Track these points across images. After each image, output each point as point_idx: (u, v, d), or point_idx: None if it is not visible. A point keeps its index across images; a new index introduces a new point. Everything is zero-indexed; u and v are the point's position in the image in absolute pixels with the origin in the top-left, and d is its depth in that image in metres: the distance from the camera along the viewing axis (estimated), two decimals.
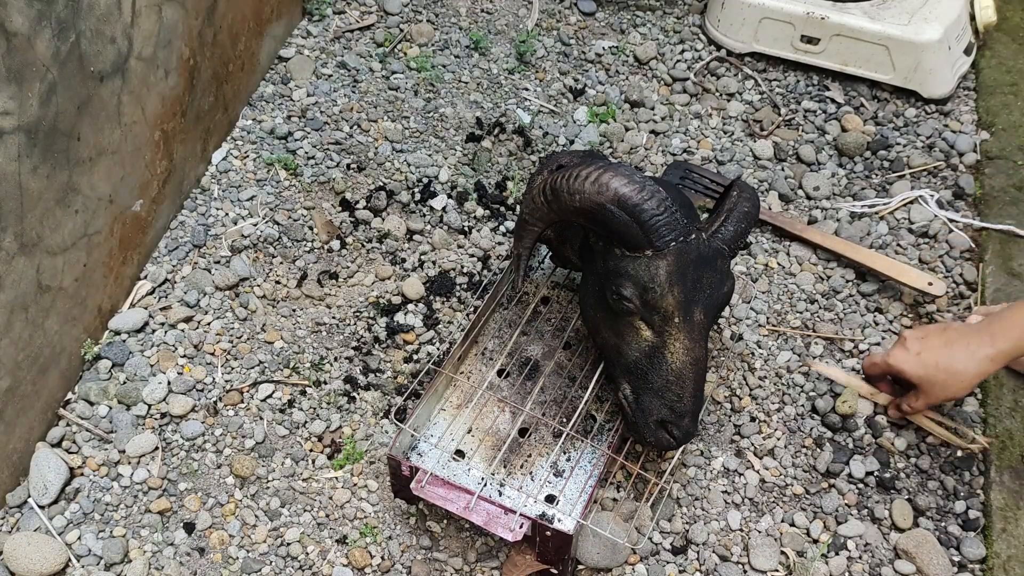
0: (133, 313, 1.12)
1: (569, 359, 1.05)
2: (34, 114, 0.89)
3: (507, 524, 0.87)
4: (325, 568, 0.95)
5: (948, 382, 0.95)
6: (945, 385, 0.95)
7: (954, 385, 0.95)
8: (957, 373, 0.94)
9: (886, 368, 1.01)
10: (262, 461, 1.02)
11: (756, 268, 1.21)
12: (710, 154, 1.35)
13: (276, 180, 1.28)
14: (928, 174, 1.31)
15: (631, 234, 0.83)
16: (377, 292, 1.17)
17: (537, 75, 1.46)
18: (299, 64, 1.42)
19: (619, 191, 0.82)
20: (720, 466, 1.03)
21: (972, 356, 0.94)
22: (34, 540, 0.93)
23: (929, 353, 0.96)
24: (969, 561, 0.95)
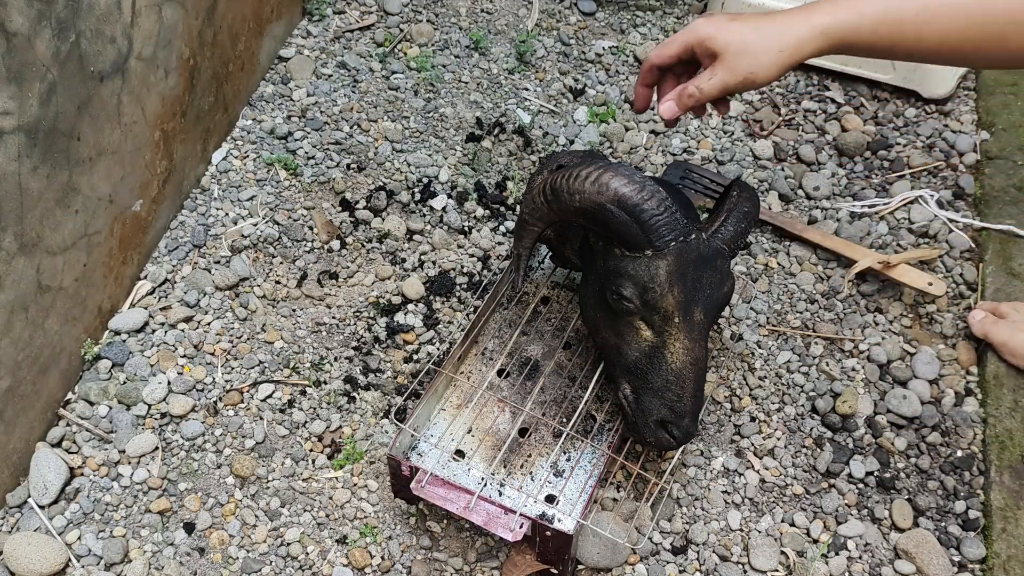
0: (133, 313, 1.12)
1: (569, 359, 1.05)
2: (34, 114, 0.89)
3: (507, 524, 0.87)
4: (325, 568, 0.95)
5: (762, 48, 0.78)
6: (757, 53, 0.78)
7: (765, 54, 0.77)
8: (777, 39, 0.77)
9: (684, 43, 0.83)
10: (262, 461, 1.02)
11: (756, 268, 1.21)
12: (710, 154, 1.35)
13: (276, 180, 1.28)
14: (928, 174, 1.31)
15: (631, 234, 0.83)
16: (377, 292, 1.18)
17: (537, 75, 1.46)
18: (299, 64, 1.42)
19: (619, 191, 0.82)
20: (720, 466, 1.03)
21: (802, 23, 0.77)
22: (34, 540, 0.93)
23: (747, 19, 0.80)
24: (969, 561, 0.95)
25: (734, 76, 0.79)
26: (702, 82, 0.80)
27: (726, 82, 0.80)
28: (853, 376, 1.10)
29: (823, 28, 0.76)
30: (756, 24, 0.78)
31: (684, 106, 0.83)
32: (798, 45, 0.77)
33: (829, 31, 0.76)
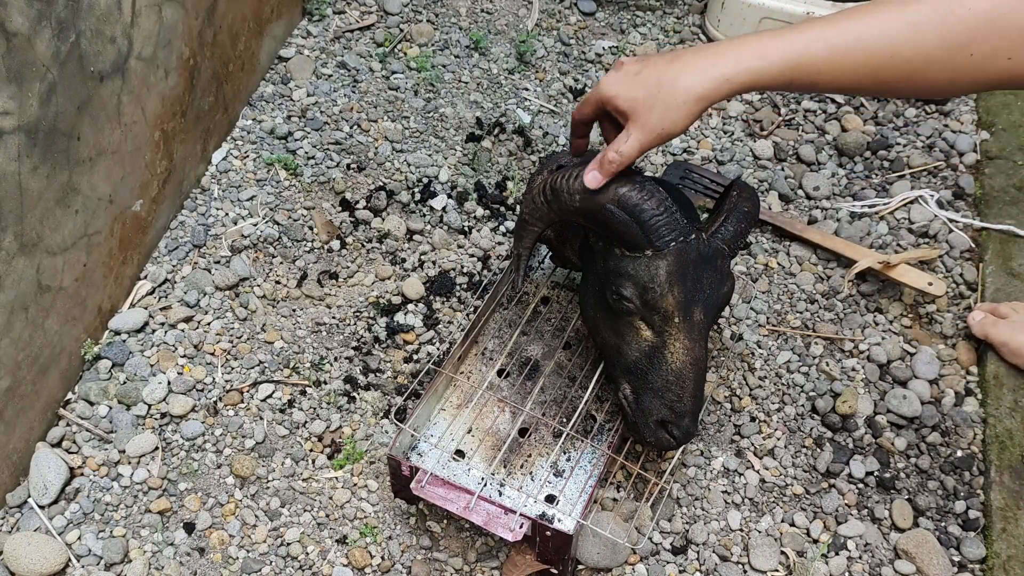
0: (133, 313, 1.12)
1: (569, 359, 1.05)
2: (34, 114, 0.89)
3: (507, 524, 0.87)
4: (325, 568, 0.95)
5: (669, 103, 0.75)
6: (666, 108, 0.75)
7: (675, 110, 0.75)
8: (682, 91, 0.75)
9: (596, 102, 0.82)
10: (262, 461, 1.02)
11: (756, 268, 1.21)
12: (710, 154, 1.35)
13: (276, 180, 1.28)
14: (928, 174, 1.31)
15: (631, 234, 0.83)
16: (377, 292, 1.18)
17: (537, 75, 1.46)
18: (299, 64, 1.42)
19: (619, 191, 0.82)
20: (720, 466, 1.03)
21: (704, 72, 0.75)
22: (34, 540, 0.93)
23: (651, 71, 0.77)
24: (969, 561, 0.95)
25: (649, 135, 0.78)
26: (620, 146, 0.79)
27: (643, 142, 0.78)
28: (853, 376, 1.10)
29: (727, 76, 0.75)
30: (659, 77, 0.76)
31: (608, 173, 0.81)
32: (703, 95, 0.75)
33: (734, 79, 0.75)
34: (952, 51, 0.72)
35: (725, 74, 0.74)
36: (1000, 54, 0.72)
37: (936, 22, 0.72)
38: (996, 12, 0.70)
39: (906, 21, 0.73)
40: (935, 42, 0.72)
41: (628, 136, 0.78)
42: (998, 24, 0.70)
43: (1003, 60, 0.72)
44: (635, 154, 0.79)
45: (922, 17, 0.72)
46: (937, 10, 0.72)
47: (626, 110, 0.79)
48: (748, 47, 0.75)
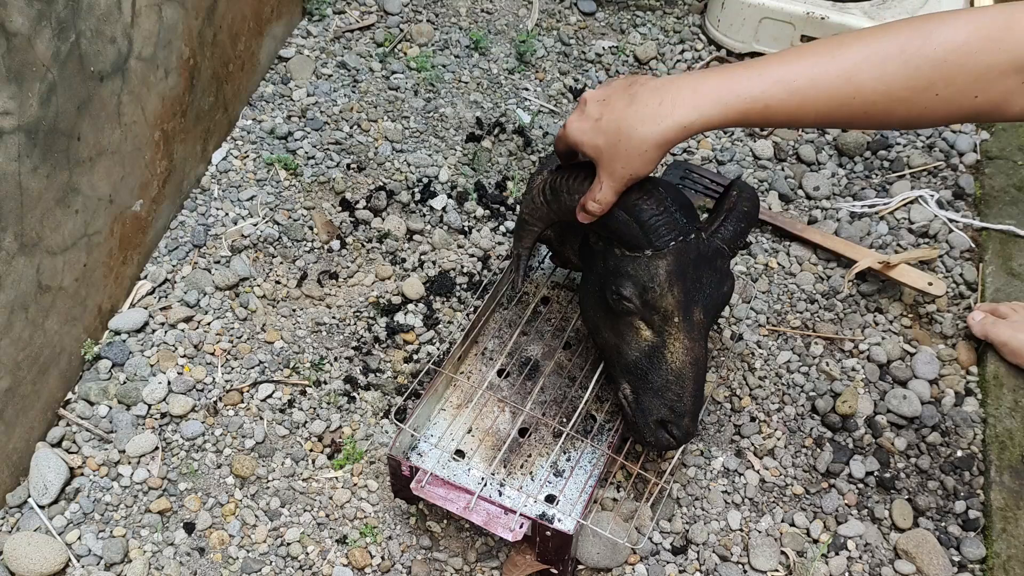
0: (133, 313, 1.12)
1: (569, 359, 1.05)
2: (34, 114, 0.89)
3: (507, 524, 0.87)
4: (325, 568, 0.95)
5: (631, 152, 0.76)
6: (628, 157, 0.77)
7: (637, 158, 0.76)
8: (639, 141, 0.75)
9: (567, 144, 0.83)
10: (262, 461, 1.02)
11: (756, 268, 1.21)
12: (710, 154, 1.35)
13: (276, 180, 1.28)
14: (928, 174, 1.31)
15: (631, 234, 0.83)
16: (377, 292, 1.18)
17: (537, 75, 1.46)
18: (299, 64, 1.42)
19: None
20: (720, 466, 1.03)
21: (660, 121, 0.74)
22: (34, 540, 0.93)
23: (610, 116, 0.77)
24: (969, 561, 0.95)
25: (619, 181, 0.79)
26: (596, 195, 0.81)
27: (615, 188, 0.80)
28: (853, 376, 1.10)
29: (683, 125, 0.74)
30: (618, 125, 0.76)
31: (591, 217, 0.84)
32: (661, 143, 0.75)
33: (690, 127, 0.74)
34: (918, 91, 0.71)
35: (681, 122, 0.74)
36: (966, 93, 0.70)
37: (901, 62, 0.71)
38: (962, 52, 0.69)
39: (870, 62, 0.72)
40: (901, 82, 0.71)
41: (601, 184, 0.80)
42: (964, 65, 0.69)
43: (969, 99, 0.71)
44: (612, 198, 0.81)
45: (887, 57, 0.71)
46: (904, 50, 0.71)
47: (593, 157, 0.80)
48: (706, 91, 0.74)
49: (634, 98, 0.76)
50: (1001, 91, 0.70)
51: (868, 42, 0.72)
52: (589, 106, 0.79)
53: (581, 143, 0.80)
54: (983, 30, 0.69)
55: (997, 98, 0.70)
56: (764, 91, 0.73)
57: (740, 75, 0.74)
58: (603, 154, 0.78)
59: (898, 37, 0.71)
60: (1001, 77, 0.69)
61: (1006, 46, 0.68)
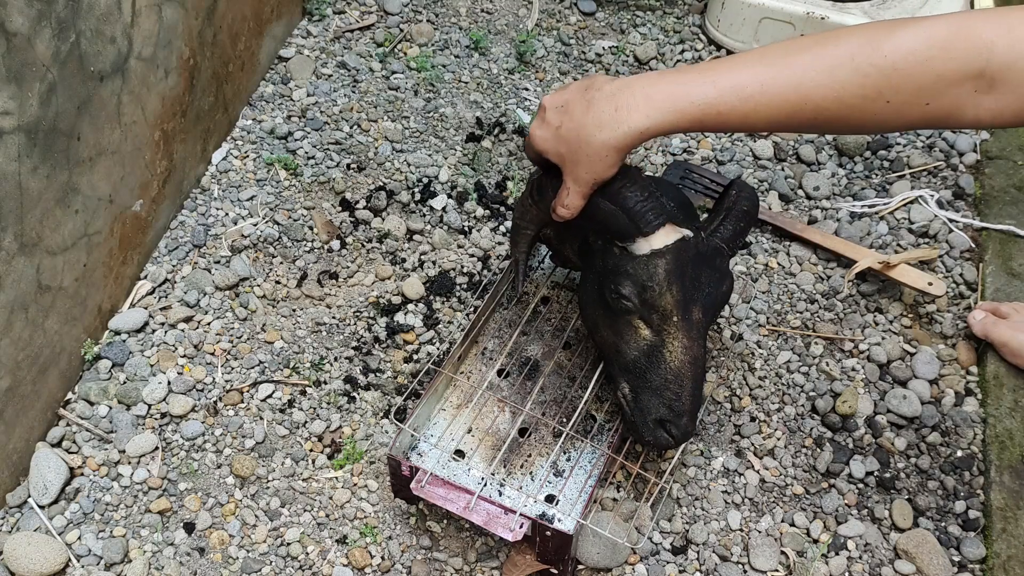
0: (133, 313, 1.12)
1: (569, 359, 1.05)
2: (34, 114, 0.89)
3: (507, 524, 0.87)
4: (325, 568, 0.95)
5: (592, 157, 0.78)
6: (589, 162, 0.78)
7: (598, 162, 0.78)
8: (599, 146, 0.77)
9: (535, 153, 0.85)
10: (262, 461, 1.02)
11: (756, 268, 1.21)
12: (710, 154, 1.35)
13: (276, 180, 1.28)
14: (928, 174, 1.31)
15: (619, 223, 0.83)
16: (377, 292, 1.18)
17: (537, 75, 1.46)
18: (299, 64, 1.42)
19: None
20: (720, 466, 1.03)
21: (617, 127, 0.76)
22: (34, 540, 0.93)
23: (569, 124, 0.78)
24: (969, 561, 0.95)
25: (584, 186, 0.81)
26: (564, 200, 0.83)
27: (582, 192, 0.82)
28: (853, 376, 1.10)
29: (639, 130, 0.76)
30: (578, 132, 0.78)
31: (562, 219, 0.85)
32: (619, 147, 0.77)
33: (646, 132, 0.76)
34: (869, 98, 0.71)
35: (637, 127, 0.75)
36: (917, 101, 0.71)
37: (851, 70, 0.71)
38: (912, 60, 0.70)
39: (821, 68, 0.72)
40: (852, 89, 0.71)
41: (568, 190, 0.82)
42: (914, 73, 0.70)
43: (920, 106, 0.71)
44: (580, 202, 0.83)
45: (837, 64, 0.71)
46: (854, 57, 0.71)
47: (558, 164, 0.82)
48: (660, 97, 0.75)
49: (591, 104, 0.77)
50: (952, 99, 0.70)
51: (819, 49, 0.73)
52: (549, 113, 0.81)
53: (545, 151, 0.82)
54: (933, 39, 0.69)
55: (949, 106, 0.71)
56: (717, 97, 0.74)
57: (694, 80, 0.75)
58: (566, 161, 0.80)
59: (849, 44, 0.72)
60: (951, 86, 0.69)
61: (956, 55, 0.69)
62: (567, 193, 0.82)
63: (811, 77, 0.72)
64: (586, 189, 0.81)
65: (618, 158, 0.78)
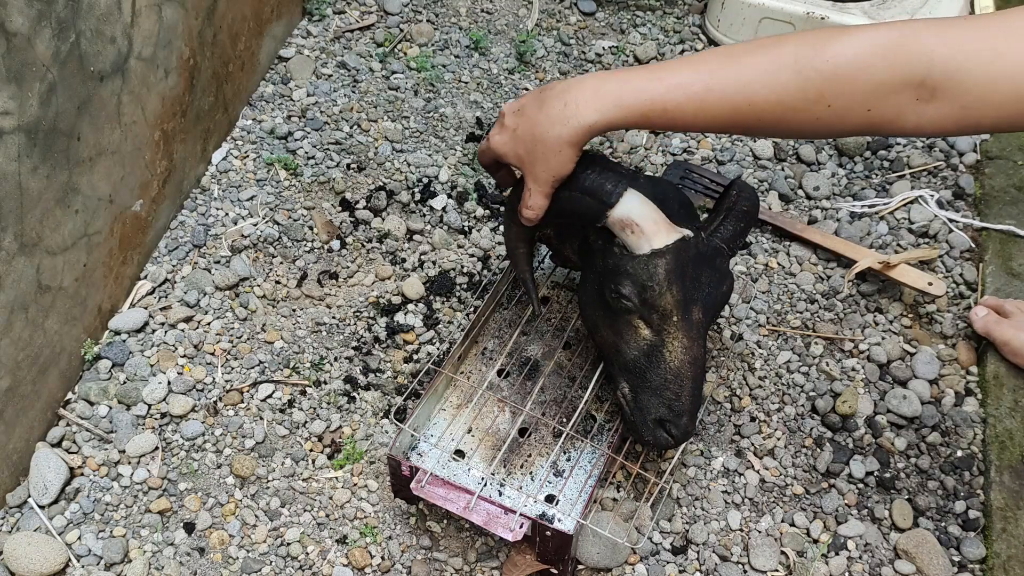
0: (133, 313, 1.12)
1: (569, 359, 1.05)
2: (34, 114, 0.89)
3: (507, 524, 0.87)
4: (325, 568, 0.95)
5: (548, 155, 0.80)
6: (546, 160, 0.80)
7: (554, 158, 0.79)
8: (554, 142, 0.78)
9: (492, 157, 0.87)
10: (262, 461, 1.02)
11: (756, 268, 1.21)
12: (710, 154, 1.35)
13: (276, 180, 1.28)
14: (928, 174, 1.31)
15: (584, 205, 0.83)
16: (377, 292, 1.18)
17: (537, 75, 1.46)
18: (299, 64, 1.42)
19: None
20: (720, 466, 1.03)
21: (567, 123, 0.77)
22: (34, 540, 0.93)
23: (525, 125, 0.80)
24: (969, 561, 0.95)
25: (544, 184, 0.82)
26: (528, 201, 0.84)
27: (543, 191, 0.83)
28: (853, 376, 1.10)
29: (588, 125, 0.77)
30: (533, 132, 0.80)
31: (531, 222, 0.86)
32: (572, 142, 0.78)
33: (594, 127, 0.77)
34: (810, 102, 0.72)
35: (585, 123, 0.77)
36: (859, 106, 0.71)
37: (794, 73, 0.72)
38: (853, 66, 0.70)
39: (764, 70, 0.73)
40: (794, 92, 0.72)
41: (529, 191, 0.83)
42: (855, 79, 0.70)
43: (862, 112, 0.72)
44: (544, 202, 0.84)
45: (780, 67, 0.72)
46: (797, 60, 0.71)
47: (518, 166, 0.83)
48: (607, 93, 0.76)
49: (543, 103, 0.79)
50: (894, 107, 0.71)
51: (764, 51, 0.73)
52: (507, 118, 0.83)
53: (504, 155, 0.83)
54: (876, 46, 0.70)
55: (890, 113, 0.71)
56: (663, 95, 0.75)
57: (642, 78, 0.76)
58: (524, 161, 0.82)
59: (792, 48, 0.72)
60: (893, 93, 0.70)
61: (897, 63, 0.69)
62: (529, 194, 0.83)
63: (755, 78, 0.73)
64: (547, 188, 0.82)
65: (572, 153, 0.79)
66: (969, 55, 0.67)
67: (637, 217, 0.82)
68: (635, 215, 0.82)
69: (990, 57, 0.67)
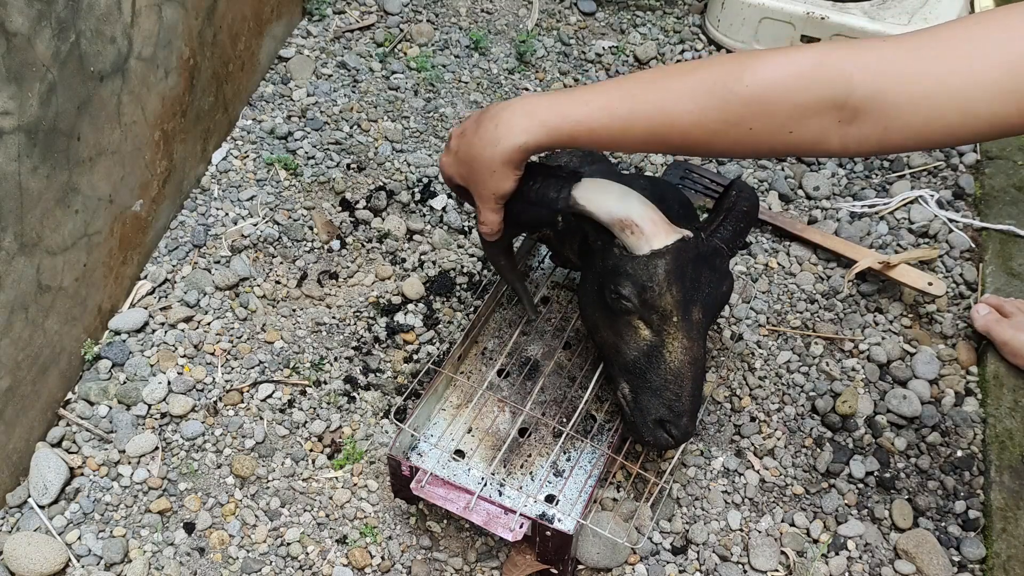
0: (133, 313, 1.12)
1: (569, 359, 1.05)
2: (34, 114, 0.89)
3: (507, 524, 0.87)
4: (325, 568, 0.95)
5: (487, 174, 0.82)
6: (487, 178, 0.82)
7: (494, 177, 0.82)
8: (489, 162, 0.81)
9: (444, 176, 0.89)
10: (262, 461, 1.02)
11: (756, 268, 1.21)
12: None
13: (276, 180, 1.28)
14: (928, 174, 1.31)
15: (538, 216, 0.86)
16: (377, 292, 1.18)
17: (537, 75, 1.46)
18: (299, 64, 1.42)
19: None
20: (720, 466, 1.03)
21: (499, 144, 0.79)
22: (34, 540, 0.93)
23: (466, 148, 0.83)
24: (969, 561, 0.95)
25: (489, 201, 0.85)
26: (481, 218, 0.87)
27: (492, 207, 0.85)
28: (853, 376, 1.10)
29: (519, 146, 0.79)
30: (471, 153, 0.82)
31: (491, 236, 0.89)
32: (507, 161, 0.80)
33: (524, 147, 0.79)
34: (731, 125, 0.72)
35: (515, 144, 0.79)
36: (781, 129, 0.72)
37: (713, 96, 0.72)
38: (772, 91, 0.70)
39: (685, 94, 0.73)
40: (714, 116, 0.73)
41: (479, 209, 0.86)
42: (775, 103, 0.70)
43: (784, 134, 0.72)
44: (494, 217, 0.86)
45: (701, 92, 0.73)
46: (716, 85, 0.72)
47: (465, 187, 0.86)
48: (538, 114, 0.78)
49: (479, 125, 0.82)
50: (816, 129, 0.71)
51: (686, 75, 0.74)
52: (452, 141, 0.86)
53: (451, 176, 0.86)
54: (794, 70, 0.70)
55: (814, 136, 0.71)
56: (588, 116, 0.76)
57: (571, 100, 0.78)
58: (468, 182, 0.84)
59: (711, 72, 0.73)
60: (814, 115, 0.70)
61: (816, 87, 0.69)
62: (479, 211, 0.86)
63: (675, 101, 0.74)
64: (492, 204, 0.85)
65: (508, 171, 0.81)
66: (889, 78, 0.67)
67: (637, 217, 0.82)
68: (635, 215, 0.82)
69: (911, 79, 0.67)
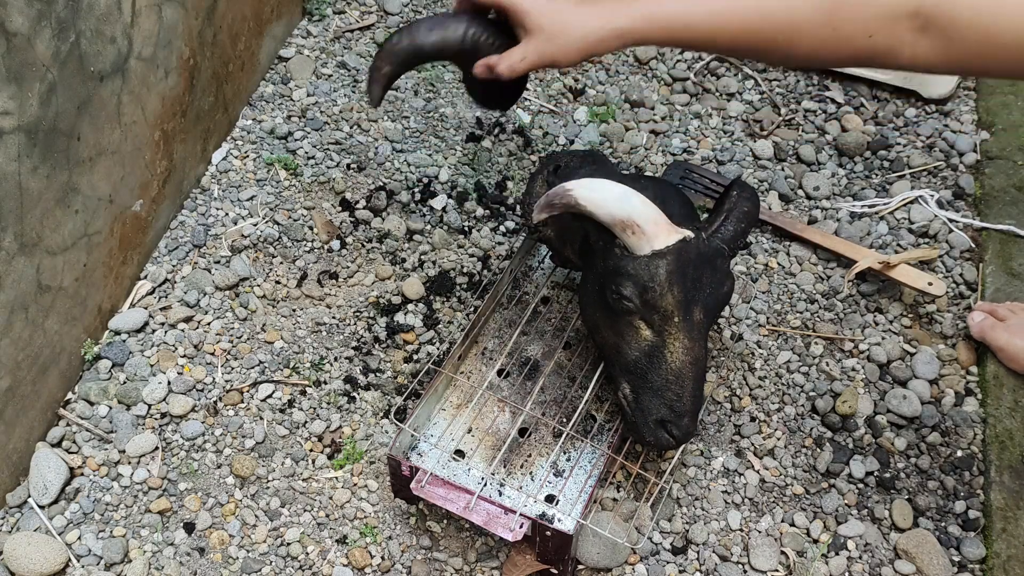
0: (133, 313, 1.12)
1: (569, 359, 1.05)
2: (34, 114, 0.89)
3: (507, 524, 0.87)
4: (325, 568, 0.95)
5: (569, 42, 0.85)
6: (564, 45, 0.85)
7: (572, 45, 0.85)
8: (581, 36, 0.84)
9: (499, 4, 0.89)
10: (262, 461, 1.02)
11: (756, 268, 1.21)
12: (710, 154, 1.35)
13: (276, 180, 1.28)
14: (928, 174, 1.31)
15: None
16: (377, 292, 1.18)
17: (537, 75, 1.46)
18: (299, 64, 1.42)
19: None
20: (720, 466, 1.03)
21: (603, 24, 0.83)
22: (34, 540, 0.93)
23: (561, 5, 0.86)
24: (969, 561, 0.95)
25: (541, 59, 0.86)
26: (513, 61, 0.87)
27: (534, 64, 0.87)
28: (853, 376, 1.10)
29: (621, 31, 0.83)
30: (566, 18, 0.85)
31: (489, 73, 0.89)
32: (599, 42, 0.84)
33: (625, 35, 0.83)
34: (818, 24, 0.78)
35: (620, 29, 0.83)
36: (863, 31, 0.77)
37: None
38: None
39: None
40: (804, 13, 0.78)
41: (524, 56, 0.87)
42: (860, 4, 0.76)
43: (864, 38, 0.77)
44: (525, 70, 0.88)
45: None
46: None
47: (531, 28, 0.86)
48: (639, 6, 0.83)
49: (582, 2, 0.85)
50: (893, 36, 0.76)
51: None
52: None
53: (527, 12, 0.86)
54: None
55: (889, 42, 0.76)
56: (687, 11, 0.82)
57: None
58: (542, 34, 0.85)
59: None
60: (894, 21, 0.75)
61: None
62: (521, 58, 0.87)
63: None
64: (541, 64, 0.87)
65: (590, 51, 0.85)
66: None
67: (638, 218, 0.82)
68: (636, 216, 0.82)
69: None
